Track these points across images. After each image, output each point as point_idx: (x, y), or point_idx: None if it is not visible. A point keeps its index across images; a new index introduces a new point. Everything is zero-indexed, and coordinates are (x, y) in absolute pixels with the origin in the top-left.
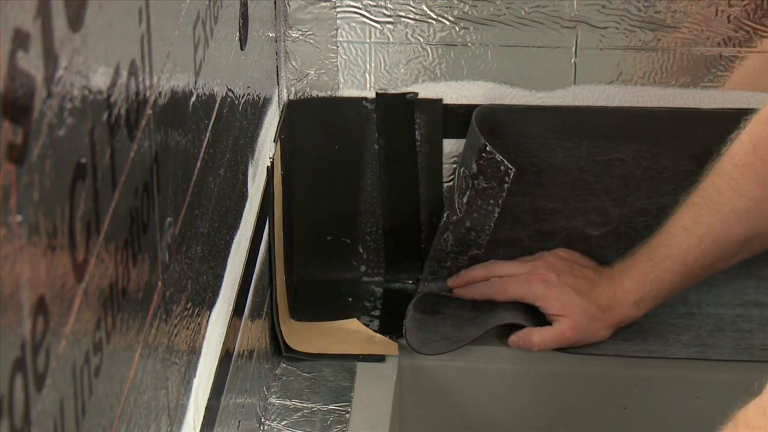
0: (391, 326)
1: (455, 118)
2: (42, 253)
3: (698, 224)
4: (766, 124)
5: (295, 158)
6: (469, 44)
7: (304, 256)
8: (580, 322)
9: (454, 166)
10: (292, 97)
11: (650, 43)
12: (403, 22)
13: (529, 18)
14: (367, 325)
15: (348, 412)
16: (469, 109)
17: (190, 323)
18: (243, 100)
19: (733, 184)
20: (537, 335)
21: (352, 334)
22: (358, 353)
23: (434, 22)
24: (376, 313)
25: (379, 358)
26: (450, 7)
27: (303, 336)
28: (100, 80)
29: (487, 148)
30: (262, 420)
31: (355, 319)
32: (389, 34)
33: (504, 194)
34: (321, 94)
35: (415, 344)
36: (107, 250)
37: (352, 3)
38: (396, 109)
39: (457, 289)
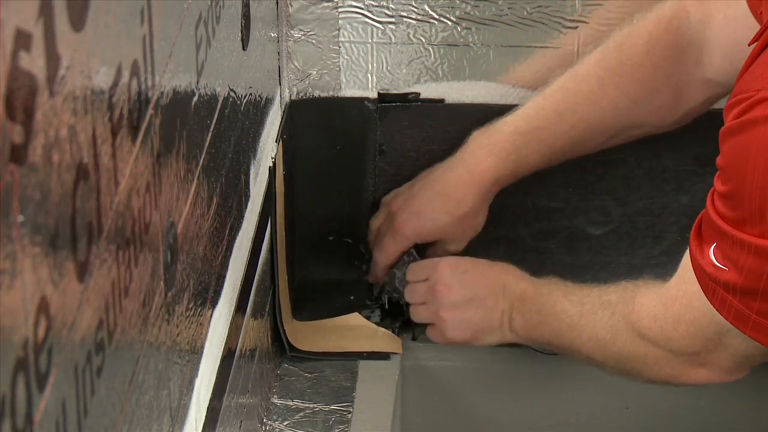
0: (391, 319)
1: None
2: (44, 253)
3: (573, 112)
4: (665, 30)
5: (297, 158)
6: (471, 44)
7: (305, 256)
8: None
9: None
10: (294, 97)
11: None
12: (405, 22)
13: (531, 18)
14: (368, 318)
15: (350, 413)
16: (471, 108)
17: (192, 323)
18: (245, 100)
19: (618, 81)
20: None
21: (354, 329)
22: (363, 351)
23: (436, 22)
24: (377, 316)
25: (384, 356)
26: (452, 8)
27: (306, 335)
28: (102, 80)
29: None
30: (264, 420)
31: (356, 313)
32: (391, 35)
33: None
34: (323, 95)
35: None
36: (109, 251)
37: (354, 3)
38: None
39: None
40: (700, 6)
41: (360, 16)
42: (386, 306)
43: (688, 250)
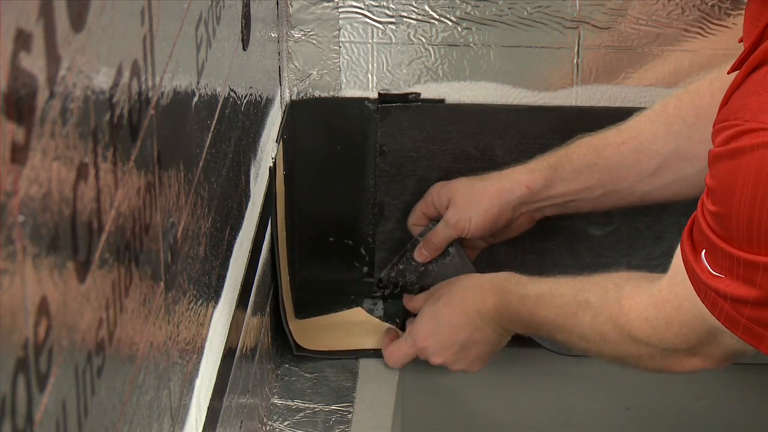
0: (394, 311)
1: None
2: (44, 253)
3: (630, 127)
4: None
5: (297, 158)
6: (472, 45)
7: (306, 256)
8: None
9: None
10: (294, 97)
11: (652, 43)
12: (406, 22)
13: (532, 18)
14: (371, 312)
15: (350, 413)
16: (471, 109)
17: (192, 323)
18: (245, 101)
19: (677, 104)
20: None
21: (359, 325)
22: (370, 348)
23: (436, 22)
24: (379, 308)
25: None
26: (452, 8)
27: (311, 333)
28: (102, 80)
29: None
30: (265, 420)
31: (359, 308)
32: (391, 35)
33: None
34: (323, 95)
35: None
36: (109, 251)
37: (355, 3)
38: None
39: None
40: None
41: (360, 16)
42: (386, 293)
43: (678, 251)
